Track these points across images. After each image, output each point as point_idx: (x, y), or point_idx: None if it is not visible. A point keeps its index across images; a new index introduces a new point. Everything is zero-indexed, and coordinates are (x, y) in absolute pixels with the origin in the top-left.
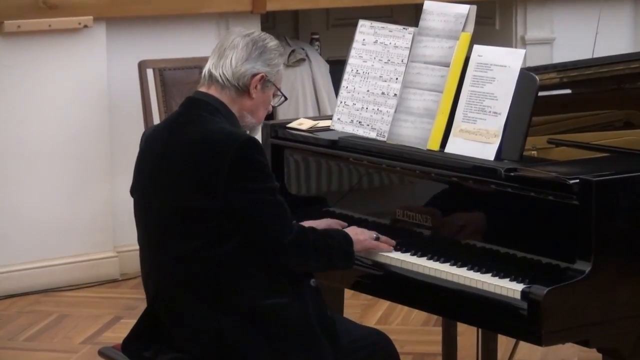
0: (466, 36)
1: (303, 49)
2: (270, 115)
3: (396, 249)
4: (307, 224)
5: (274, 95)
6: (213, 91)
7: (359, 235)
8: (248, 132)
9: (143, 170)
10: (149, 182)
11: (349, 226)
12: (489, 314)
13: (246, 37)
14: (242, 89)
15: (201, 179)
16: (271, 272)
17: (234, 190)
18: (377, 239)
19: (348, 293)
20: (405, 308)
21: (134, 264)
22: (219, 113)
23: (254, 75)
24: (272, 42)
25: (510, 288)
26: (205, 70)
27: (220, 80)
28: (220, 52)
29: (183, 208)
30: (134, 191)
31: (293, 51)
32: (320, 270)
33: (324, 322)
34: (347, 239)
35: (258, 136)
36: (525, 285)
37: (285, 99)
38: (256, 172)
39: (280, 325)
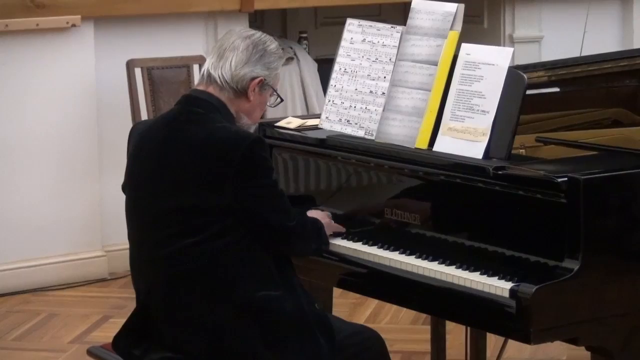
0: (454, 34)
1: (291, 48)
2: None
3: (384, 247)
4: None
5: (270, 96)
6: (212, 90)
7: (324, 219)
8: None
9: (138, 166)
10: (145, 178)
11: None
12: (477, 313)
13: (247, 40)
14: (240, 91)
15: (208, 177)
16: (264, 265)
17: (243, 187)
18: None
19: (337, 292)
20: (394, 307)
21: (122, 263)
22: (219, 112)
23: (253, 79)
24: (272, 44)
25: (499, 286)
26: (204, 69)
27: (219, 81)
28: (220, 52)
29: (184, 205)
30: (126, 187)
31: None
32: (315, 252)
33: (317, 315)
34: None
35: None
36: (513, 284)
37: (282, 100)
38: (264, 169)
39: (275, 317)
